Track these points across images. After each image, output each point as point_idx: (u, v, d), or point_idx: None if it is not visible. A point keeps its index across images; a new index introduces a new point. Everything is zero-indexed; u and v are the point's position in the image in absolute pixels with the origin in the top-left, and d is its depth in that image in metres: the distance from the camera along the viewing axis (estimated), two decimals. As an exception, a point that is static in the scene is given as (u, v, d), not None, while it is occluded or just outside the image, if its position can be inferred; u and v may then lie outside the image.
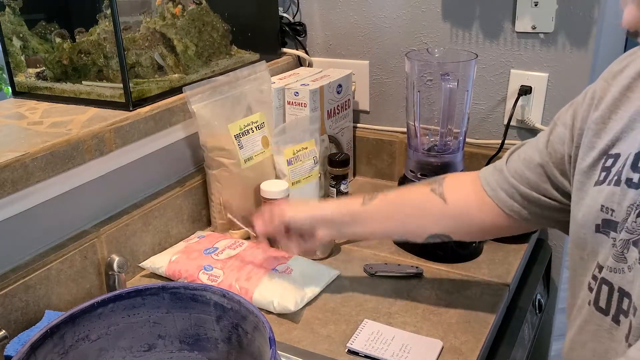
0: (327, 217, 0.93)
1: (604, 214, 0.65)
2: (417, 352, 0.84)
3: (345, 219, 0.92)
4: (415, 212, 0.90)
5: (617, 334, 0.64)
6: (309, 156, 1.20)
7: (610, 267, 0.64)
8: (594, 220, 0.66)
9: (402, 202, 0.92)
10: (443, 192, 0.88)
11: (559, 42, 1.19)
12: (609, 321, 0.65)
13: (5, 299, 0.83)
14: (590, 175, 0.69)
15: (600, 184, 0.66)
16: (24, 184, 0.84)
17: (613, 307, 0.64)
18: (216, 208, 1.16)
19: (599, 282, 0.65)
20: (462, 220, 0.87)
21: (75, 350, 0.64)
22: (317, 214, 0.94)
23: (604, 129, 0.69)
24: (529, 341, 1.12)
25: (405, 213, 0.91)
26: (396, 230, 0.93)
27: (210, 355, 0.70)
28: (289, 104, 1.26)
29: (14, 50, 1.12)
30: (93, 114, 1.01)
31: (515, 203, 0.82)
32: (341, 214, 0.93)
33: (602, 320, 0.65)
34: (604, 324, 0.65)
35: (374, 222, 0.92)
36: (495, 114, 1.30)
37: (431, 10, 1.29)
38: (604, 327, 0.65)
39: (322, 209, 0.95)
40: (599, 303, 0.66)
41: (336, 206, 0.95)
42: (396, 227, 0.92)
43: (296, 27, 1.45)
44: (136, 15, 1.11)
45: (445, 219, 0.87)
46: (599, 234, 0.66)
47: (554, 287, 1.38)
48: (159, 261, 1.05)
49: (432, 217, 0.88)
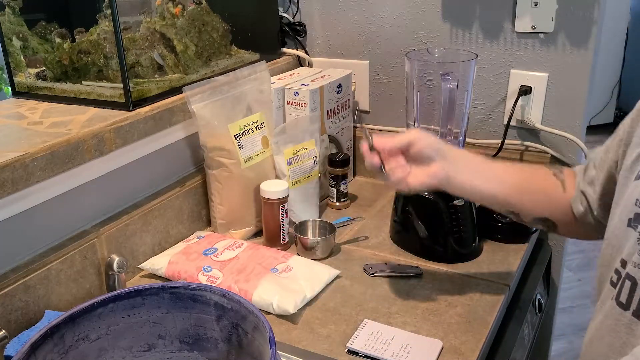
0: (453, 155, 0.88)
1: (637, 208, 0.66)
2: (417, 352, 0.84)
3: (470, 166, 0.88)
4: (538, 189, 0.88)
5: (637, 329, 0.64)
6: (309, 156, 1.20)
7: (635, 263, 0.64)
8: (628, 214, 0.67)
9: (527, 176, 0.90)
10: (564, 180, 0.88)
11: (559, 42, 1.19)
12: (629, 316, 0.65)
13: (5, 299, 0.83)
14: (633, 171, 0.70)
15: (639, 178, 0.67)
16: (24, 184, 0.84)
17: (635, 303, 0.64)
18: (216, 208, 1.16)
19: (623, 278, 0.66)
20: (570, 214, 0.86)
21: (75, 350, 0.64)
22: (442, 148, 0.87)
23: None
24: (529, 341, 1.12)
25: (528, 185, 0.88)
26: (514, 199, 0.88)
27: (210, 355, 0.70)
28: (289, 104, 1.26)
29: (14, 50, 1.12)
30: (93, 114, 1.01)
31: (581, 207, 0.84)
32: (467, 160, 0.89)
33: (622, 315, 0.66)
34: (624, 318, 0.66)
35: (497, 184, 0.88)
36: (495, 114, 1.30)
37: (431, 10, 1.29)
38: (623, 321, 0.66)
39: (447, 145, 0.89)
40: (619, 298, 0.66)
41: (460, 150, 0.91)
42: (516, 197, 0.87)
43: (296, 27, 1.45)
44: (136, 15, 1.11)
45: (559, 206, 0.87)
46: (629, 227, 0.67)
47: (554, 287, 1.38)
48: (158, 262, 1.05)
49: (549, 200, 0.87)
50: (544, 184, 0.89)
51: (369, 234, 1.19)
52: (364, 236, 1.18)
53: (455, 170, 0.86)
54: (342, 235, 1.18)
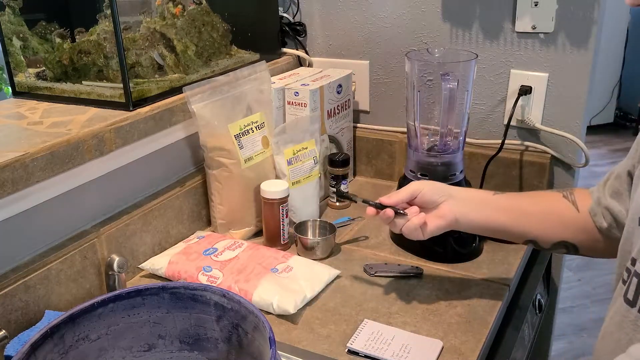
0: (457, 194, 0.89)
1: None
2: (417, 352, 0.84)
3: (474, 200, 0.89)
4: (548, 212, 0.87)
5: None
6: (309, 156, 1.20)
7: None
8: (638, 212, 0.67)
9: (535, 201, 0.90)
10: (575, 200, 0.87)
11: (559, 42, 1.19)
12: (635, 313, 0.65)
13: (5, 299, 0.83)
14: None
15: None
16: (24, 184, 0.84)
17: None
18: (216, 208, 1.16)
19: (632, 275, 0.66)
20: (593, 233, 0.85)
21: (75, 350, 0.64)
22: (447, 189, 0.90)
23: None
24: (529, 341, 1.12)
25: (541, 211, 0.88)
26: (529, 227, 0.88)
27: (210, 355, 0.70)
28: (289, 104, 1.26)
29: (14, 50, 1.12)
30: (93, 114, 1.01)
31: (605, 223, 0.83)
32: (471, 195, 0.90)
33: (629, 312, 0.66)
34: (630, 315, 0.66)
35: (505, 213, 0.88)
36: (495, 114, 1.30)
37: (431, 10, 1.29)
38: (630, 318, 0.66)
39: (453, 187, 0.91)
40: (627, 295, 0.67)
41: (466, 189, 0.92)
42: (530, 224, 0.88)
43: (296, 27, 1.45)
44: (136, 15, 1.11)
45: (576, 227, 0.86)
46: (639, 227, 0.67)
47: (554, 287, 1.38)
48: (158, 262, 1.05)
49: (564, 223, 0.86)
50: (555, 208, 0.88)
51: (369, 234, 1.19)
52: (364, 236, 1.18)
53: (464, 208, 0.88)
54: (342, 235, 1.18)
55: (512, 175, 1.29)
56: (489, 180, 1.30)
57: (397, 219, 0.89)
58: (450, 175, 1.10)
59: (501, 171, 1.30)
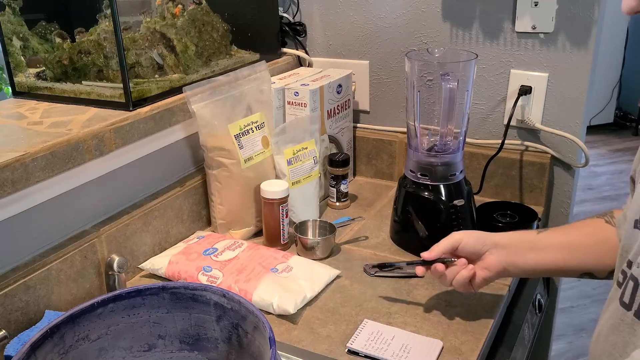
0: (500, 241, 0.86)
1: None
2: (417, 352, 0.84)
3: (520, 244, 0.86)
4: (595, 241, 0.84)
5: (638, 329, 0.65)
6: (309, 156, 1.20)
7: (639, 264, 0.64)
8: (635, 215, 0.67)
9: (585, 232, 0.86)
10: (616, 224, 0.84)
11: (559, 42, 1.19)
12: (631, 316, 0.66)
13: (5, 299, 0.83)
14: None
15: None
16: (24, 184, 0.84)
17: (636, 303, 0.65)
18: (216, 208, 1.16)
19: (628, 278, 0.66)
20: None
21: (75, 350, 0.64)
22: (489, 237, 0.87)
23: None
24: (529, 341, 1.12)
25: (593, 242, 0.84)
26: (584, 260, 0.85)
27: (210, 355, 0.70)
28: (289, 104, 1.26)
29: (14, 50, 1.12)
30: (93, 114, 1.01)
31: None
32: (516, 239, 0.87)
33: (625, 315, 0.66)
34: (627, 318, 0.66)
35: (556, 252, 0.85)
36: (495, 114, 1.30)
37: (431, 10, 1.29)
38: (626, 321, 0.66)
39: (495, 234, 0.88)
40: (623, 298, 0.67)
41: (509, 233, 0.88)
42: (586, 257, 0.84)
43: (296, 27, 1.45)
44: (136, 15, 1.11)
45: None
46: (636, 229, 0.67)
47: (554, 287, 1.38)
48: (158, 262, 1.05)
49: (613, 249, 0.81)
50: (602, 235, 0.85)
51: (369, 234, 1.19)
52: (364, 236, 1.18)
53: (511, 257, 0.85)
54: (342, 235, 1.18)
55: (512, 175, 1.29)
56: (489, 180, 1.31)
57: (447, 272, 0.87)
58: (450, 175, 1.10)
59: (501, 171, 1.30)
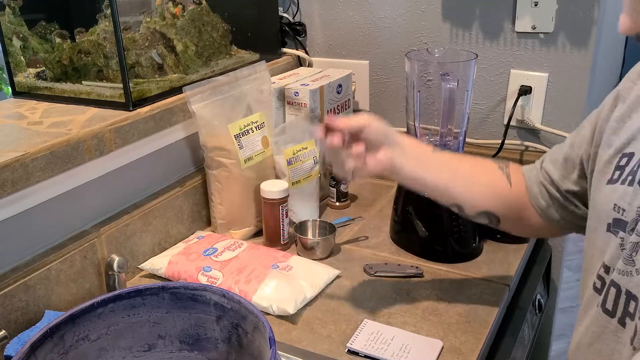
0: (400, 142, 0.85)
1: (616, 213, 0.65)
2: (417, 352, 0.84)
3: (413, 151, 0.87)
4: (482, 181, 0.87)
5: (623, 336, 0.64)
6: (308, 156, 1.20)
7: (620, 270, 0.64)
8: (606, 219, 0.67)
9: (471, 166, 0.89)
10: (509, 174, 0.87)
11: (559, 42, 1.19)
12: (615, 323, 0.65)
13: (5, 299, 0.83)
14: (605, 173, 0.69)
15: (613, 182, 0.67)
16: (24, 184, 0.84)
17: (620, 310, 0.64)
18: (216, 208, 1.16)
19: (608, 284, 0.66)
20: (517, 209, 0.86)
21: (75, 350, 0.64)
22: (393, 134, 0.85)
23: (622, 127, 0.69)
24: (529, 341, 1.12)
25: (473, 178, 0.87)
26: (458, 191, 0.86)
27: (210, 355, 0.70)
28: (289, 104, 1.26)
29: (14, 50, 1.12)
30: (93, 114, 1.01)
31: (543, 202, 0.83)
32: (413, 146, 0.88)
33: (608, 322, 0.66)
34: (610, 325, 0.65)
35: (439, 171, 0.86)
36: (495, 114, 1.30)
37: (431, 10, 1.29)
38: (610, 329, 0.65)
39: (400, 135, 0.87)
40: (605, 305, 0.66)
41: (409, 138, 0.89)
42: (460, 188, 0.86)
43: (296, 27, 1.45)
44: (136, 15, 1.11)
45: (505, 201, 0.86)
46: (609, 232, 0.66)
47: (554, 287, 1.38)
48: (158, 262, 1.05)
49: (495, 195, 0.86)
50: (489, 177, 0.87)
51: (369, 234, 1.19)
52: (364, 236, 1.18)
53: (402, 158, 0.84)
54: (342, 235, 1.18)
55: (512, 175, 1.29)
56: (489, 180, 1.30)
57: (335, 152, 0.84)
58: (450, 175, 1.10)
59: (501, 171, 1.30)
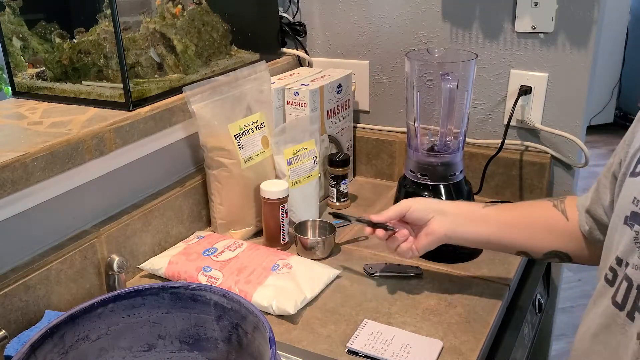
0: (446, 209, 0.91)
1: (634, 206, 0.66)
2: (417, 352, 0.84)
3: (463, 214, 0.90)
4: (538, 223, 0.88)
5: (630, 329, 0.65)
6: (309, 156, 1.20)
7: (635, 265, 0.64)
8: (625, 211, 0.67)
9: (525, 213, 0.90)
10: (565, 209, 0.87)
11: (559, 42, 1.19)
12: (623, 316, 0.66)
13: (5, 299, 0.83)
14: (630, 166, 0.70)
15: (635, 175, 0.67)
16: (24, 184, 0.84)
17: (629, 303, 0.65)
18: (216, 208, 1.16)
19: (621, 278, 0.66)
20: (580, 239, 0.85)
21: (75, 350, 0.64)
22: (436, 205, 0.92)
23: None
24: (529, 341, 1.12)
25: (528, 223, 0.88)
26: (517, 239, 0.89)
27: (210, 355, 0.70)
28: (289, 104, 1.26)
29: (14, 50, 1.12)
30: (93, 114, 1.01)
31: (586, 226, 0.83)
32: (460, 209, 0.91)
33: (617, 316, 0.66)
34: (619, 319, 0.66)
35: (495, 226, 0.89)
36: (495, 114, 1.30)
37: (431, 10, 1.29)
38: (618, 322, 0.66)
39: (443, 202, 0.92)
40: (616, 297, 0.67)
41: (455, 203, 0.93)
42: (518, 235, 0.88)
43: (296, 27, 1.45)
44: (136, 15, 1.11)
45: (566, 236, 0.86)
46: (625, 225, 0.67)
47: (554, 287, 1.38)
48: (158, 262, 1.05)
49: (555, 233, 0.86)
50: (546, 218, 0.88)
51: (369, 234, 1.19)
52: (364, 236, 1.18)
53: (452, 224, 0.89)
54: (342, 235, 1.18)
55: (512, 175, 1.29)
56: (489, 180, 1.31)
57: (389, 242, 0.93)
58: (450, 175, 1.10)
59: (501, 171, 1.30)
